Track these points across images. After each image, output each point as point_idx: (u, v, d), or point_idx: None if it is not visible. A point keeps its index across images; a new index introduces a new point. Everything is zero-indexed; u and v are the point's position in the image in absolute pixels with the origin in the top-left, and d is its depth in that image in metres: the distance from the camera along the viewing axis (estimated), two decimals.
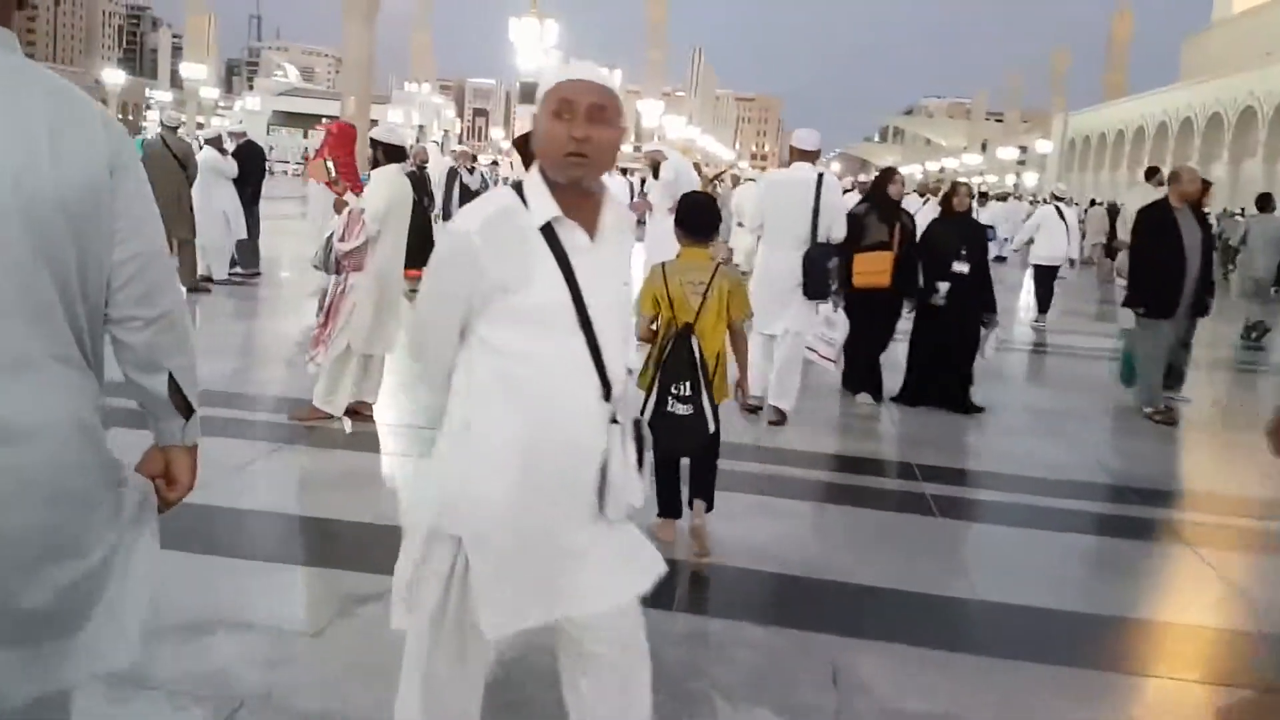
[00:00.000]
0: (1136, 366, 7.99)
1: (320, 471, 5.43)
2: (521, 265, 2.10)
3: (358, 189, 10.18)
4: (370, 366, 6.32)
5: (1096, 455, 6.83)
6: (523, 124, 61.00)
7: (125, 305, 1.73)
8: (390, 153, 6.17)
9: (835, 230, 6.58)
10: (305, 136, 54.61)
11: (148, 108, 77.64)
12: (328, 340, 6.06)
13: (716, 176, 16.61)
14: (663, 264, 4.15)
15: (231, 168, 12.17)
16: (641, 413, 3.86)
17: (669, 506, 4.41)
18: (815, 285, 6.44)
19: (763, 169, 25.49)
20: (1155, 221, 7.70)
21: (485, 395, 2.16)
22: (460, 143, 48.39)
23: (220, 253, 12.03)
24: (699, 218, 4.22)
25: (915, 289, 7.57)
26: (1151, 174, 13.33)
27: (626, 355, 2.29)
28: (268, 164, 18.37)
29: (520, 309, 2.11)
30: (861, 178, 27.67)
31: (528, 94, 58.58)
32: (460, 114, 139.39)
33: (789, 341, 6.58)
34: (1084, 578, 4.71)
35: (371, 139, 6.23)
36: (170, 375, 1.82)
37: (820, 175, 6.63)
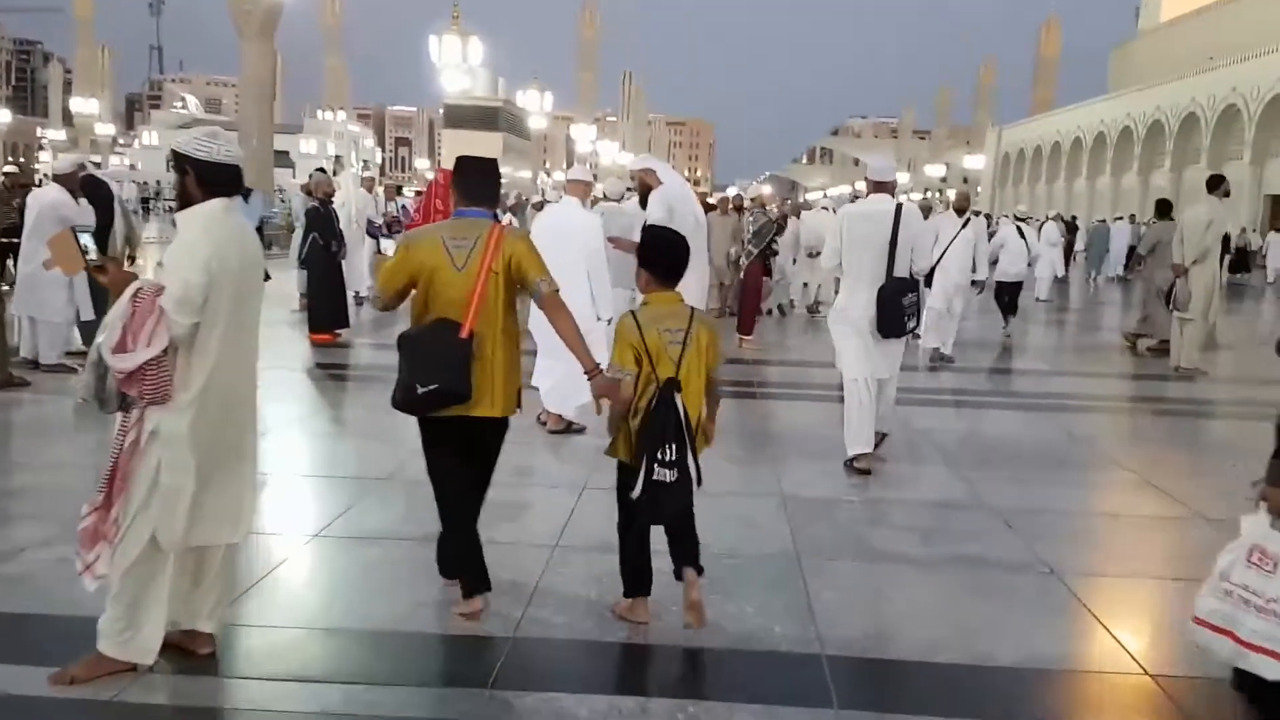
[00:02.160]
0: None
1: None
2: None
3: None
4: (204, 568, 3.47)
5: None
6: (450, 151, 57.83)
7: None
8: (213, 179, 3.35)
9: (919, 262, 6.36)
10: None
11: (40, 148, 72.26)
12: (113, 533, 3.20)
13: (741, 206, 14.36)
14: (633, 312, 3.72)
15: (84, 215, 9.06)
16: (629, 489, 3.60)
17: (640, 580, 3.90)
18: (889, 323, 6.14)
19: (705, 194, 22.90)
20: None
21: None
22: (353, 171, 45.19)
23: (56, 331, 8.86)
24: (668, 258, 3.76)
25: None
26: (1216, 184, 11.09)
27: None
28: (143, 204, 15.39)
29: None
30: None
31: (454, 118, 55.77)
32: (381, 144, 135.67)
33: (893, 385, 6.57)
34: None
35: (175, 155, 3.38)
36: None
37: (899, 206, 6.29)
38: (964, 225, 10.93)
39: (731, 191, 24.99)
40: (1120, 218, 36.68)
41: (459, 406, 3.68)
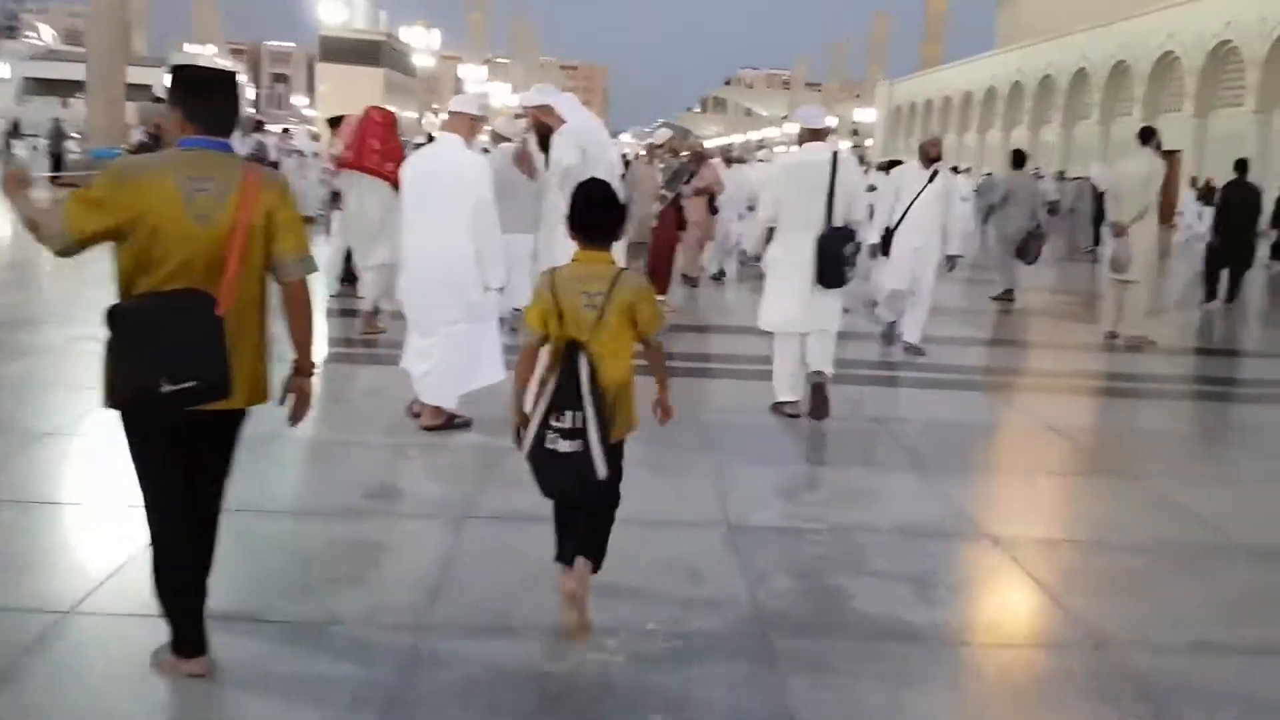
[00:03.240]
0: None
1: None
2: None
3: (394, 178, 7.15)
4: None
5: None
6: (327, 88, 54.05)
7: None
8: None
9: (854, 212, 6.21)
10: (64, 105, 46.95)
11: None
12: None
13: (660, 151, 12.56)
14: (552, 270, 3.33)
15: None
16: (519, 444, 3.21)
17: (560, 547, 3.43)
18: (830, 273, 5.99)
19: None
20: None
21: None
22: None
23: None
24: (596, 216, 3.33)
25: None
26: (1149, 135, 10.13)
27: None
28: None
29: None
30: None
31: (331, 51, 52.17)
32: (257, 81, 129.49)
33: (820, 340, 6.19)
34: None
35: None
36: None
37: (835, 154, 6.14)
38: (932, 178, 8.43)
39: (639, 138, 23.38)
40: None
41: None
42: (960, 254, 9.38)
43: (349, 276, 10.58)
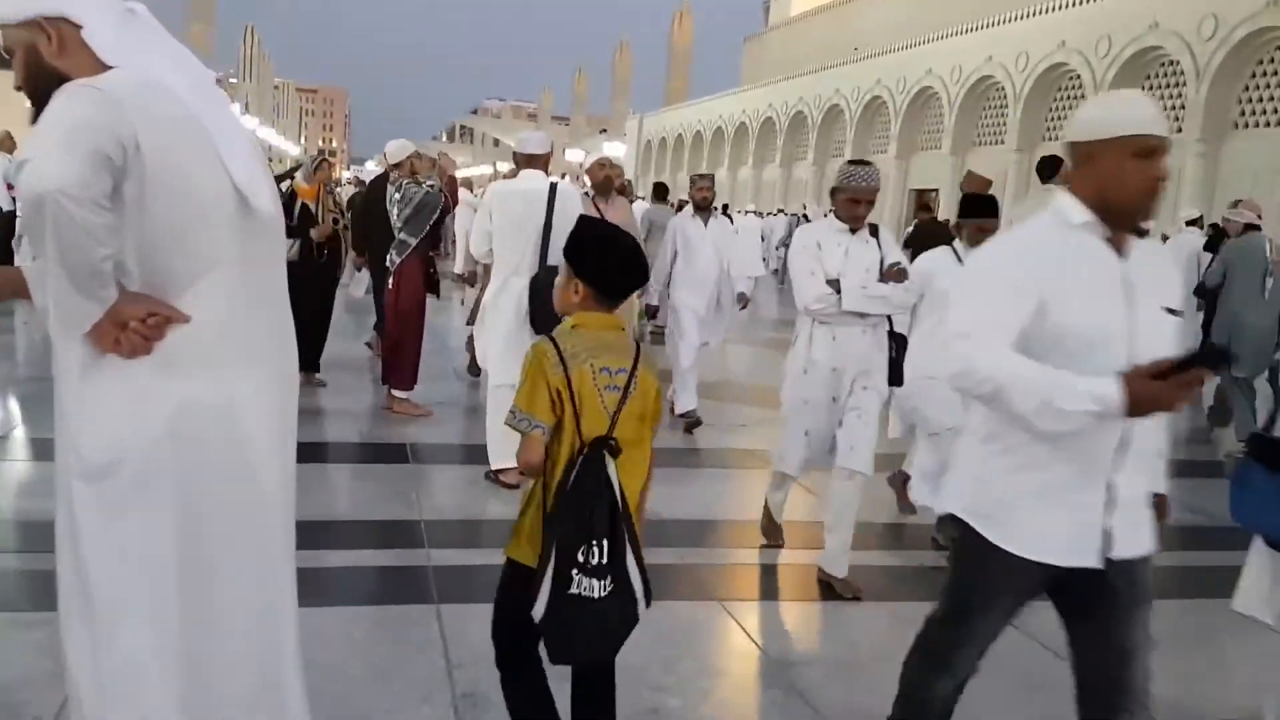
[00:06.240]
0: None
1: None
2: None
3: None
4: None
5: None
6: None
7: None
8: None
9: None
10: None
11: None
12: None
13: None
14: (551, 338, 2.42)
15: None
16: (532, 603, 2.31)
17: None
18: (543, 317, 5.34)
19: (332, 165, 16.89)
20: None
21: None
22: None
23: None
24: (616, 265, 2.45)
25: None
26: (1051, 169, 7.48)
27: None
28: None
29: None
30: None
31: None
32: None
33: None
34: None
35: None
36: None
37: (554, 185, 5.72)
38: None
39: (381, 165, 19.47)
40: (781, 210, 36.00)
41: None
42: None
43: None
